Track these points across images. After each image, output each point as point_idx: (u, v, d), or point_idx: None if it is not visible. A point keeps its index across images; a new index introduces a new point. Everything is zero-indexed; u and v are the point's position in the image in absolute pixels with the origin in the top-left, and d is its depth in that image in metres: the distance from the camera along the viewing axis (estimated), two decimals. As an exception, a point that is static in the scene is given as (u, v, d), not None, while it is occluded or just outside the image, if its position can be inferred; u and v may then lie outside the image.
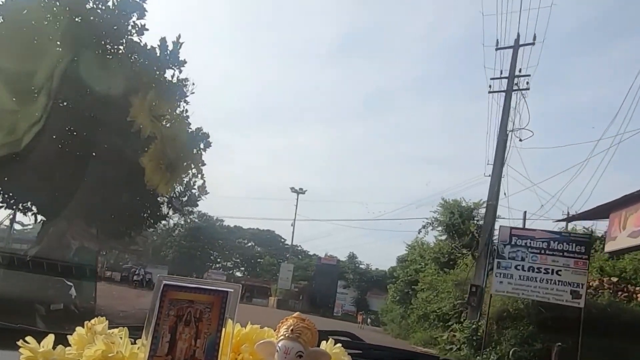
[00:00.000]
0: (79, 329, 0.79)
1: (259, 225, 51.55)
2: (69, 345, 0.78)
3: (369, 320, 37.84)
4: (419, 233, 23.15)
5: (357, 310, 42.49)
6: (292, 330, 0.86)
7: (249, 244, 50.83)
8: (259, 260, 47.61)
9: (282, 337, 0.85)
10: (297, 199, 40.55)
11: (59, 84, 6.95)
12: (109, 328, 0.84)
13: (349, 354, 0.87)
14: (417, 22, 75.07)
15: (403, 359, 1.06)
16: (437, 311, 17.94)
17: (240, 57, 76.62)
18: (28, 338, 0.72)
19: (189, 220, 48.77)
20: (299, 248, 49.50)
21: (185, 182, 11.28)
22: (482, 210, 18.17)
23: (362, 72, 74.11)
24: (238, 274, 49.76)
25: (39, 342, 0.73)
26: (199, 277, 44.57)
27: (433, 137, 70.14)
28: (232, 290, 0.91)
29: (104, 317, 0.83)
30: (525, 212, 21.04)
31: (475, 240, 16.79)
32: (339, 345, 0.88)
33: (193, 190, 11.95)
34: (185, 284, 0.90)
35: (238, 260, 49.85)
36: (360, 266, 46.30)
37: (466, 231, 19.88)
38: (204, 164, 10.39)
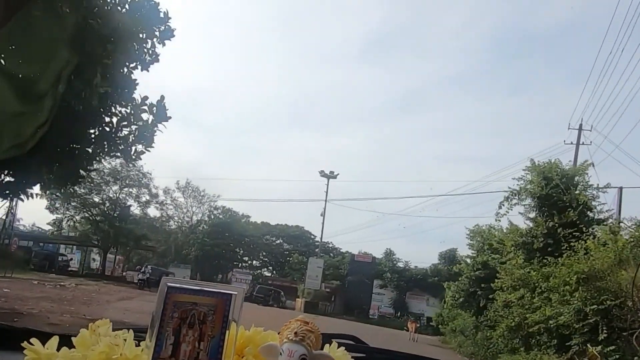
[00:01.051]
0: (83, 330, 0.85)
1: (288, 221, 51.75)
2: (73, 347, 0.83)
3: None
4: (499, 208, 17.40)
5: (395, 311, 41.61)
6: (295, 333, 0.89)
7: (277, 241, 50.63)
8: (288, 258, 47.31)
9: (285, 340, 0.89)
10: (328, 184, 39.35)
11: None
12: (113, 330, 0.89)
13: (352, 357, 0.89)
14: (452, 17, 75.75)
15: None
16: (547, 323, 12.09)
17: (273, 60, 79.89)
18: (32, 340, 0.78)
19: (212, 217, 49.48)
20: (330, 245, 48.85)
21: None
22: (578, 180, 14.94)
23: (395, 70, 75.66)
24: (266, 273, 49.84)
25: (43, 344, 0.79)
26: (224, 277, 45.21)
27: (469, 135, 71.25)
28: (235, 292, 0.94)
29: (108, 319, 0.88)
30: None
31: (585, 216, 13.99)
32: (342, 348, 0.90)
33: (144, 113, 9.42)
34: (188, 286, 0.95)
35: (266, 259, 49.84)
36: (398, 264, 44.43)
37: (571, 203, 15.16)
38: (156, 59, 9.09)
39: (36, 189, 9.98)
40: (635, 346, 8.67)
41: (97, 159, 10.44)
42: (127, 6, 8.62)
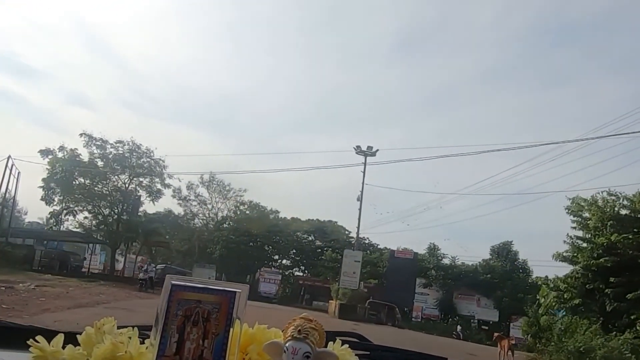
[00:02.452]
0: (88, 328, 0.92)
1: (320, 216, 51.59)
2: (78, 344, 0.91)
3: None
4: None
5: (440, 313, 39.65)
6: (299, 330, 0.94)
7: (309, 238, 50.31)
8: (320, 257, 46.81)
9: (289, 337, 0.94)
10: (365, 162, 36.95)
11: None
12: (118, 328, 0.96)
13: (356, 354, 0.94)
14: (485, 9, 75.58)
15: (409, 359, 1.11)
16: None
17: (304, 62, 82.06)
18: (38, 337, 0.86)
19: (238, 212, 49.59)
20: (366, 241, 48.24)
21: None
22: None
23: (426, 67, 77.30)
24: (297, 272, 49.70)
25: (48, 342, 0.87)
26: (252, 277, 45.06)
27: (505, 129, 71.22)
28: (239, 290, 1.00)
29: (113, 317, 0.95)
30: None
31: None
32: (346, 346, 0.95)
33: None
34: (193, 284, 1.01)
35: (297, 257, 49.62)
36: (443, 260, 42.61)
37: None
38: None
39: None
40: None
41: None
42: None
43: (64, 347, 0.88)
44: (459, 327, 35.23)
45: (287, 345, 0.93)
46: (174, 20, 79.60)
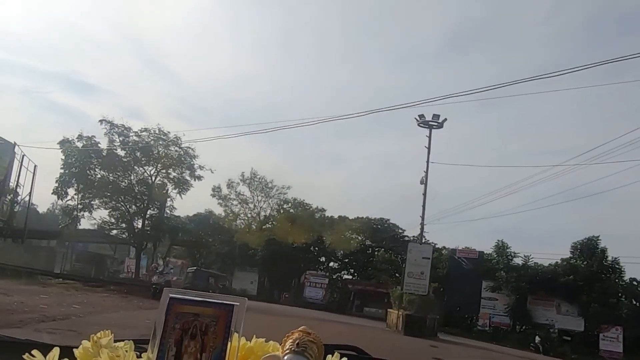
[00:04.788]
0: (84, 342, 1.05)
1: (370, 214, 51.54)
2: (75, 358, 1.03)
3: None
4: None
5: (512, 321, 38.44)
6: (297, 344, 1.04)
7: (358, 238, 50.39)
8: (371, 258, 46.77)
9: (287, 351, 1.04)
10: (430, 135, 35.00)
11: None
12: (115, 341, 1.08)
13: (354, 368, 1.02)
14: (539, 2, 78.30)
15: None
16: None
17: (350, 66, 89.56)
18: (34, 351, 0.98)
19: (281, 211, 50.12)
20: (424, 240, 47.88)
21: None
22: None
23: (476, 66, 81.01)
24: (346, 275, 49.86)
25: (44, 355, 0.99)
26: (297, 281, 45.34)
27: (562, 126, 75.47)
28: (238, 303, 1.10)
29: (109, 331, 1.07)
30: None
31: None
32: (344, 359, 1.03)
33: None
34: (191, 297, 1.12)
35: (346, 260, 49.82)
36: (514, 260, 40.92)
37: None
38: None
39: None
40: None
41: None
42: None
43: (60, 361, 1.01)
44: (537, 338, 34.18)
45: (285, 358, 1.03)
46: (221, 33, 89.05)
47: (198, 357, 1.06)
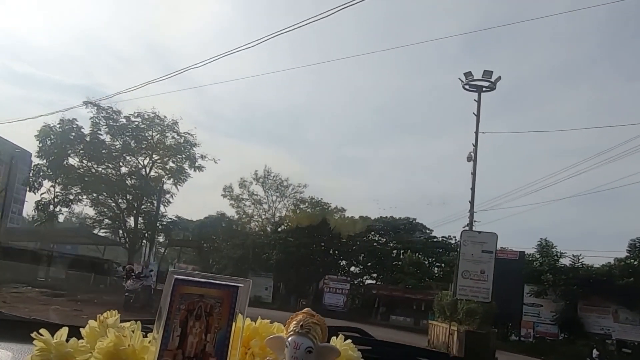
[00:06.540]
0: (91, 322, 1.16)
1: (394, 213, 51.18)
2: (82, 337, 1.14)
3: None
4: None
5: (560, 330, 36.59)
6: (302, 325, 1.15)
7: (381, 239, 49.99)
8: (396, 262, 46.36)
9: (291, 332, 1.15)
10: (479, 100, 32.49)
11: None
12: (121, 321, 1.19)
13: (358, 349, 1.12)
14: (558, 1, 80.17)
15: (412, 356, 1.26)
16: None
17: (368, 70, 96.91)
18: (42, 330, 1.10)
19: (298, 211, 49.95)
20: (452, 240, 47.11)
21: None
22: None
23: (495, 67, 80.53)
24: (369, 280, 49.43)
25: (52, 335, 1.10)
26: (315, 286, 45.03)
27: (583, 127, 79.81)
28: (242, 285, 1.21)
29: (116, 311, 1.18)
30: None
31: None
32: (348, 341, 1.13)
33: None
34: (195, 278, 1.22)
35: (369, 263, 49.39)
36: (561, 261, 39.08)
37: None
38: None
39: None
40: None
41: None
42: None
43: (67, 340, 1.12)
44: (595, 352, 31.86)
45: (289, 339, 1.13)
46: (240, 40, 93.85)
47: (203, 337, 1.17)
